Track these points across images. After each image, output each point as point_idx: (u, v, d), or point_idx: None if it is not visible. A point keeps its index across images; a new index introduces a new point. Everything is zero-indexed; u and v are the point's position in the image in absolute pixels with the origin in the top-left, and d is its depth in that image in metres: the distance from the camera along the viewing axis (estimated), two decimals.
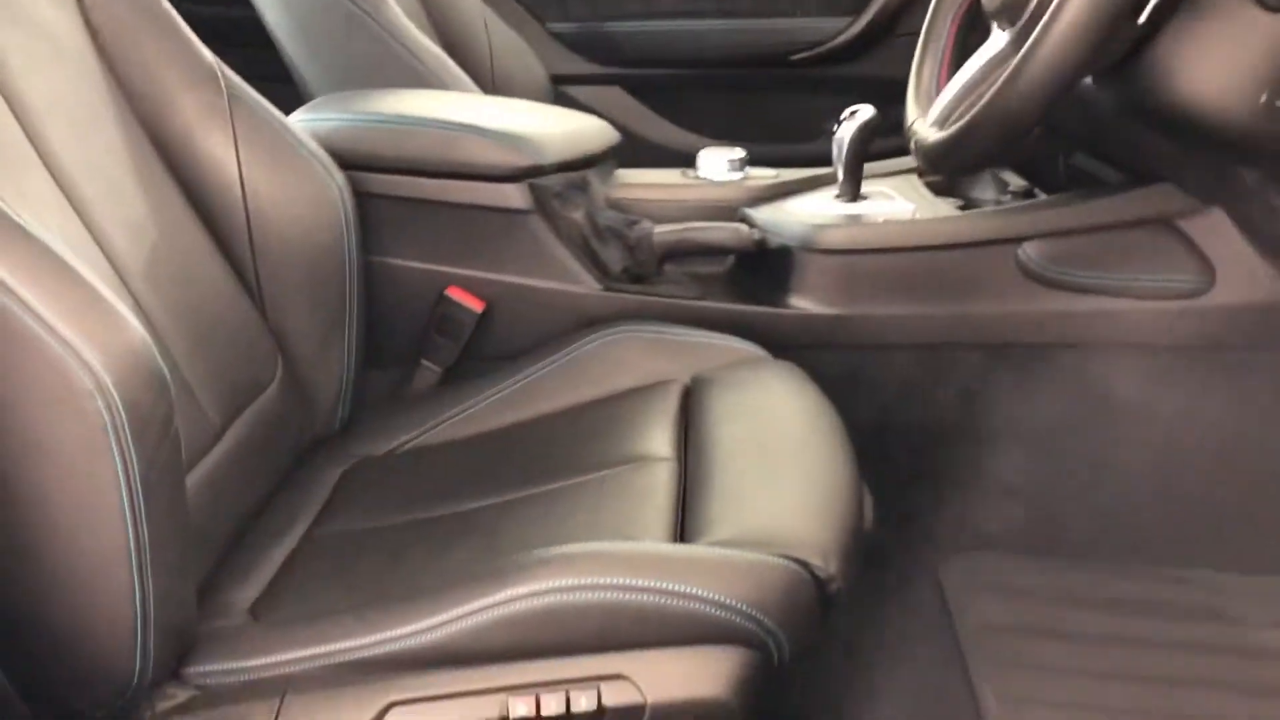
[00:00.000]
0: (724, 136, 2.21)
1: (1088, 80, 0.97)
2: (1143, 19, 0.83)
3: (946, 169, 0.98)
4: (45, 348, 0.76)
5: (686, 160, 2.15)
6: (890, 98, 2.19)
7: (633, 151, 1.60)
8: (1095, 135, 1.22)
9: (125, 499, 0.78)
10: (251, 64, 1.65)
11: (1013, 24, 0.91)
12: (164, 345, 1.04)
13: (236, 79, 1.20)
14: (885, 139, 1.88)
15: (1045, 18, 0.80)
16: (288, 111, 1.62)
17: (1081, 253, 1.24)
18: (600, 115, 2.16)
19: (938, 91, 1.04)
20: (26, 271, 0.77)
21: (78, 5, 1.09)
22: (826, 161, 1.46)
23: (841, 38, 2.16)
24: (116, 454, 0.77)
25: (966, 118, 0.88)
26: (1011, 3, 0.89)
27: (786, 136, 2.24)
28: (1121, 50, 0.88)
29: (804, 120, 2.26)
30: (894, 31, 2.16)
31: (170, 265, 1.09)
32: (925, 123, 0.99)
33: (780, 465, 1.02)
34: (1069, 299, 1.26)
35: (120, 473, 0.78)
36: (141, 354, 0.79)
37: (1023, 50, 0.81)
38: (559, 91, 2.15)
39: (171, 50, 1.16)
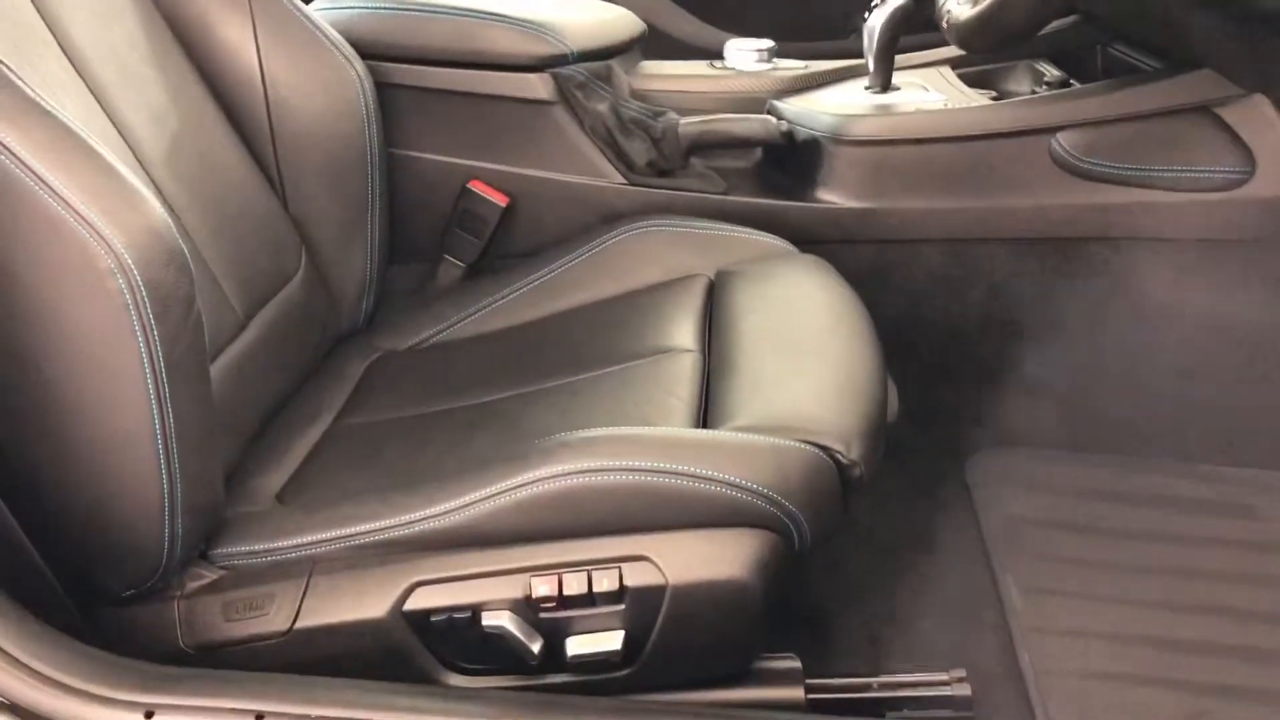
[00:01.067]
0: (753, 32, 2.17)
1: None
2: None
3: (980, 47, 0.95)
4: (65, 226, 0.76)
5: (714, 55, 2.12)
6: None
7: (659, 46, 1.57)
8: (1134, 20, 1.18)
9: (149, 378, 0.78)
10: None
11: None
12: (186, 232, 1.03)
13: None
14: (918, 34, 1.84)
15: None
16: None
17: (1117, 143, 1.21)
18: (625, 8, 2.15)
19: None
20: (46, 150, 0.76)
21: None
22: (857, 55, 1.43)
23: None
24: (139, 332, 0.77)
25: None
26: None
27: (817, 32, 2.18)
28: None
29: (834, 14, 2.20)
30: None
31: (191, 154, 1.09)
32: (958, 1, 0.95)
33: (804, 355, 1.01)
34: (1103, 191, 1.23)
35: (143, 351, 0.78)
36: (162, 233, 0.79)
37: None
38: None
39: None
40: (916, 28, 1.32)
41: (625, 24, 1.42)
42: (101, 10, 1.05)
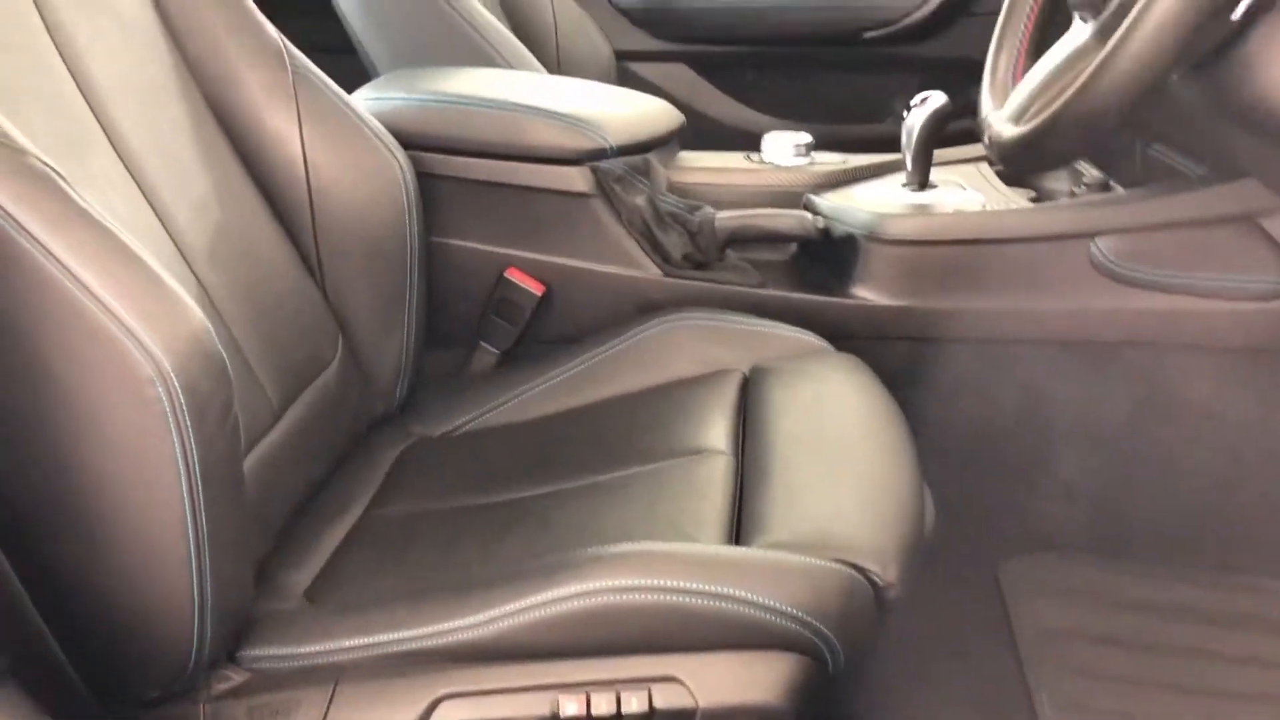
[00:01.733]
0: (790, 115, 2.19)
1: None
2: (1237, 14, 0.80)
3: (1023, 167, 0.95)
4: (107, 333, 0.76)
5: (751, 140, 2.12)
6: (963, 78, 2.15)
7: (697, 129, 1.58)
8: (1176, 127, 1.17)
9: (184, 484, 0.78)
10: (315, 34, 1.66)
11: (1096, 16, 0.87)
12: (225, 323, 1.04)
13: (301, 56, 1.20)
14: (957, 120, 1.84)
15: (1134, 12, 0.76)
16: (352, 84, 1.63)
17: (1158, 250, 1.20)
18: (664, 93, 2.16)
19: (1014, 83, 1.00)
20: (90, 256, 0.77)
21: None
22: (895, 142, 1.43)
23: (914, 16, 2.11)
24: (175, 439, 0.77)
25: (1045, 114, 0.84)
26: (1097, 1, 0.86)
27: (855, 116, 2.20)
28: (1211, 45, 0.84)
29: (873, 99, 2.22)
30: (968, 11, 2.11)
31: (233, 243, 1.10)
32: (1001, 116, 0.95)
33: (840, 463, 1.00)
34: (1142, 296, 1.22)
35: (179, 458, 0.78)
36: (202, 340, 0.80)
37: (1109, 45, 0.77)
38: (623, 67, 2.13)
39: (238, 27, 1.15)
40: (955, 132, 1.33)
41: (664, 117, 1.43)
42: (150, 100, 1.07)
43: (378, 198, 1.22)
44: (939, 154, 1.40)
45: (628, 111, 1.41)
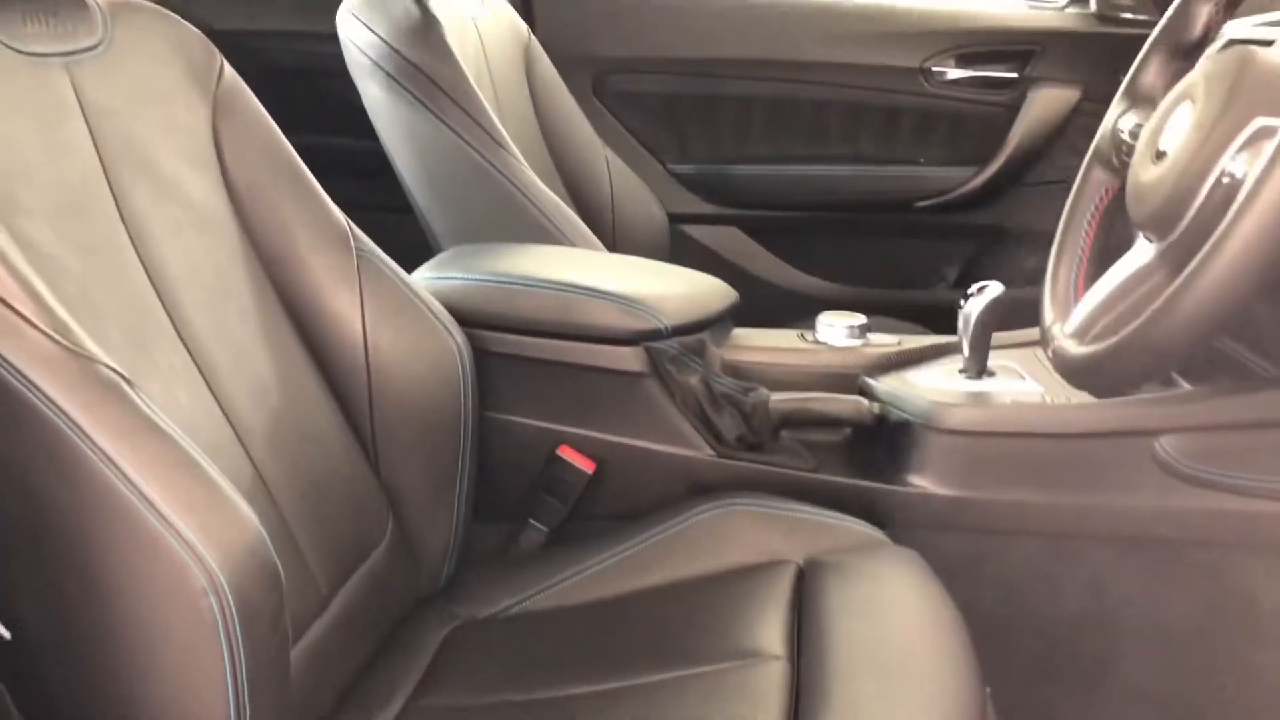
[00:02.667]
0: (841, 279, 2.21)
1: None
2: None
3: (1088, 388, 0.93)
4: (164, 544, 0.76)
5: (803, 302, 2.14)
6: (1015, 246, 2.18)
7: (748, 291, 1.59)
8: (1248, 324, 1.16)
9: (230, 690, 0.78)
10: (377, 194, 1.70)
11: (1161, 238, 0.86)
12: (278, 509, 1.04)
13: (365, 239, 1.22)
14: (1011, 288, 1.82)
15: (1209, 245, 0.76)
16: (410, 239, 1.66)
17: (1226, 450, 1.17)
18: (717, 255, 2.20)
19: (1076, 297, 1.00)
20: (153, 468, 0.77)
21: (220, 171, 1.12)
22: (946, 310, 1.43)
23: (967, 187, 2.13)
24: (225, 649, 0.77)
25: (1112, 340, 0.83)
26: (1162, 215, 0.85)
27: (906, 282, 2.22)
28: None
29: (925, 266, 2.23)
30: (1020, 181, 2.14)
31: (290, 426, 1.10)
32: (1063, 330, 0.94)
33: (900, 677, 0.97)
34: (1210, 496, 1.19)
35: (227, 666, 0.78)
36: (258, 551, 0.79)
37: (1180, 278, 0.76)
38: (677, 230, 2.16)
39: (306, 212, 1.18)
40: (1013, 321, 1.33)
41: (718, 295, 1.44)
42: (219, 288, 1.09)
43: (435, 377, 1.23)
44: (996, 337, 1.39)
45: (682, 291, 1.41)
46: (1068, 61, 2.08)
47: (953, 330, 1.37)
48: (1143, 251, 0.90)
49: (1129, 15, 1.99)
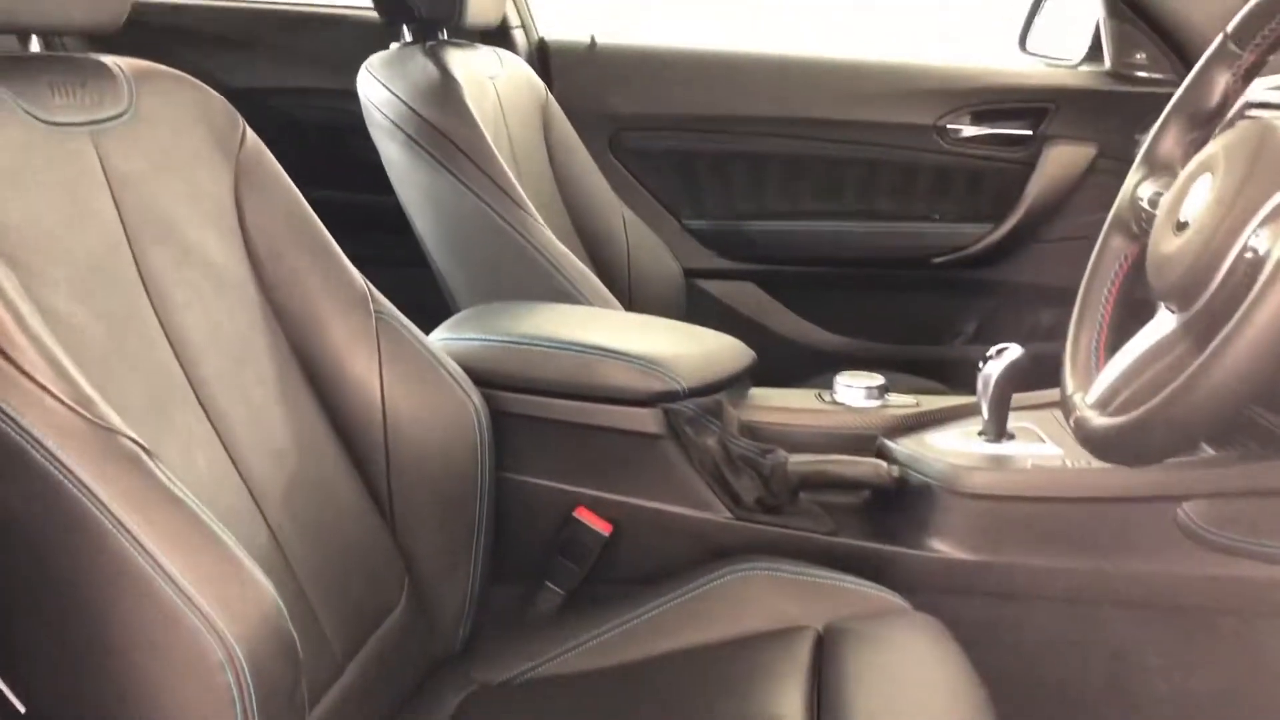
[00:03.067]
0: (859, 334, 2.21)
1: None
2: None
3: (1110, 460, 0.93)
4: (182, 617, 0.76)
5: (819, 357, 2.14)
6: (1032, 302, 2.17)
7: (764, 346, 1.59)
8: (1271, 391, 1.15)
9: None
10: (397, 248, 1.71)
11: (1183, 309, 0.86)
12: (294, 573, 1.04)
13: (384, 301, 1.23)
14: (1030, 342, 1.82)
15: (1233, 322, 0.75)
16: (428, 294, 1.67)
17: (1251, 516, 1.16)
18: (732, 310, 2.21)
19: (1097, 366, 0.99)
20: (171, 540, 0.77)
21: (241, 235, 1.13)
22: (962, 365, 1.42)
23: (983, 243, 2.14)
24: None
25: (1136, 413, 0.83)
26: (1184, 287, 0.85)
27: (924, 337, 2.21)
28: None
29: (941, 321, 2.23)
30: (1037, 237, 2.14)
31: (307, 490, 1.10)
32: (1085, 400, 0.94)
33: None
34: (1234, 563, 1.17)
35: None
36: (275, 624, 0.79)
37: (1205, 353, 0.76)
38: (692, 285, 2.17)
39: (325, 275, 1.19)
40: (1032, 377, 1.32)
41: (735, 356, 1.44)
42: (238, 352, 1.09)
43: (452, 438, 1.23)
44: (1015, 398, 1.38)
45: (699, 351, 1.41)
46: (1083, 119, 2.09)
47: (970, 385, 1.36)
48: (1164, 322, 0.89)
49: (1143, 74, 1.99)
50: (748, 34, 2.73)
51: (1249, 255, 0.80)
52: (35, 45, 1.01)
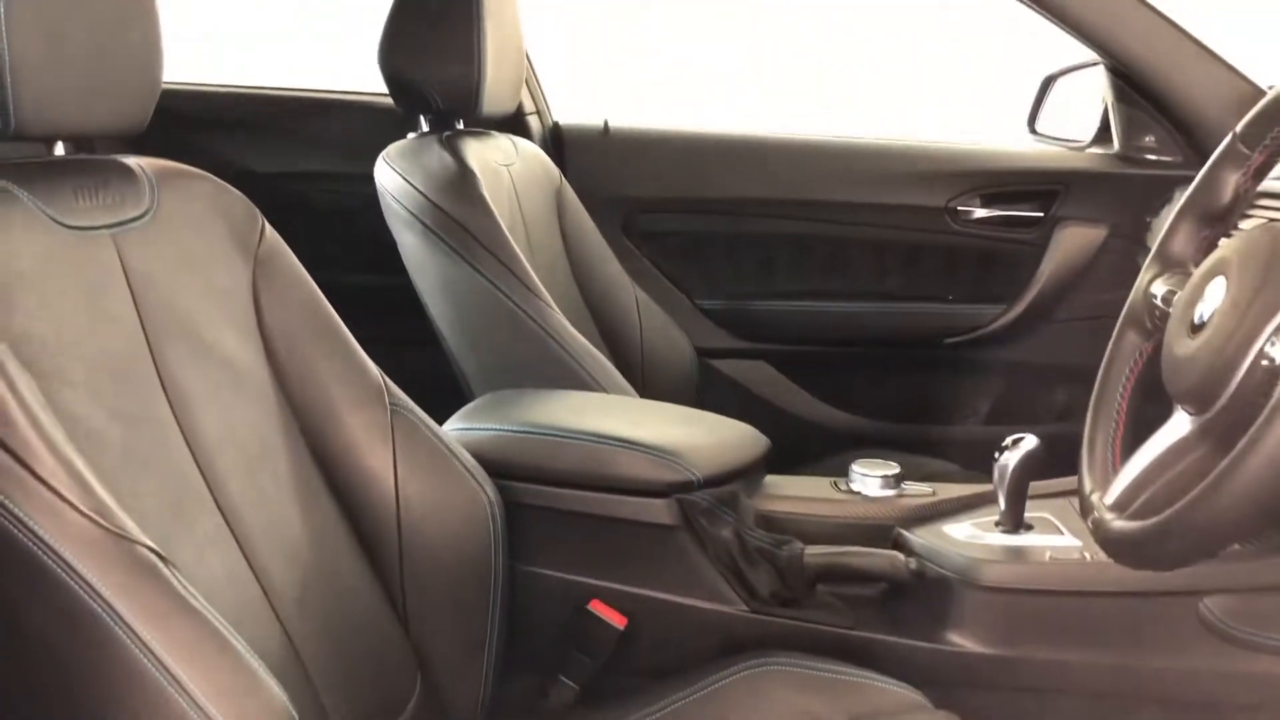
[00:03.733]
0: (872, 414, 2.20)
1: None
2: None
3: (1131, 565, 0.92)
4: None
5: (832, 437, 2.13)
6: (1045, 381, 2.17)
7: (777, 425, 1.58)
8: None
9: None
10: (411, 329, 1.72)
11: (1199, 412, 0.86)
12: (307, 675, 1.04)
13: (399, 393, 1.23)
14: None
15: (1253, 431, 0.75)
16: (443, 375, 1.67)
17: (1275, 613, 1.14)
18: (746, 389, 2.20)
19: (1114, 464, 0.99)
20: (185, 651, 0.77)
21: (259, 330, 1.14)
22: (977, 444, 1.40)
23: (996, 323, 2.14)
24: None
25: (1156, 519, 0.82)
26: (1199, 391, 0.85)
27: (938, 417, 2.21)
28: None
29: (956, 401, 2.23)
30: (1049, 318, 2.14)
31: (321, 587, 1.10)
32: (1103, 501, 0.93)
33: None
34: (1258, 660, 1.16)
35: None
36: None
37: (1225, 461, 0.75)
38: (705, 364, 2.17)
39: (343, 370, 1.19)
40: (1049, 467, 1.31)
41: (750, 444, 1.43)
42: (255, 452, 1.09)
43: (465, 531, 1.23)
44: (1033, 486, 1.38)
45: (713, 440, 1.41)
46: (1093, 201, 2.10)
47: (985, 465, 1.35)
48: (1181, 424, 0.89)
49: (1152, 156, 2.01)
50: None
51: (1265, 363, 0.80)
52: (60, 149, 1.03)
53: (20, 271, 0.92)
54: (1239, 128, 0.99)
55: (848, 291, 2.19)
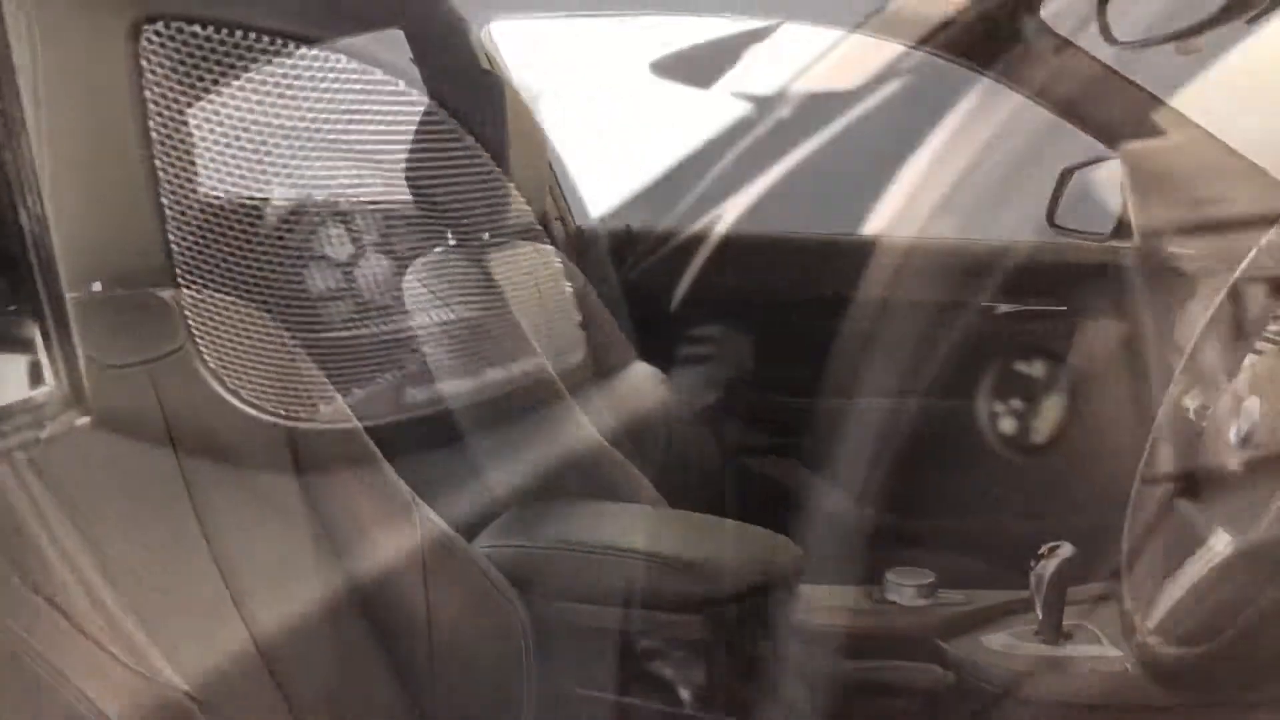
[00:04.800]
0: (905, 511, 2.17)
1: None
2: None
3: (1183, 691, 0.90)
4: None
5: (864, 535, 2.10)
6: (1073, 478, 2.14)
7: (807, 523, 1.56)
8: None
9: None
10: (435, 434, 1.71)
11: (1240, 532, 0.85)
12: None
13: (428, 511, 1.23)
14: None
15: None
16: (465, 480, 1.66)
17: None
18: (775, 485, 2.19)
19: (1156, 586, 0.97)
20: None
21: (293, 460, 1.14)
22: (1012, 539, 1.37)
23: (1015, 419, 2.12)
24: None
25: (1205, 646, 0.81)
26: (1239, 512, 0.84)
27: (970, 513, 2.17)
28: None
29: (986, 498, 2.20)
30: (1073, 414, 2.12)
31: (347, 707, 1.09)
32: (1146, 624, 0.92)
33: None
34: None
35: None
36: None
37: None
38: (732, 461, 2.16)
39: (373, 488, 1.19)
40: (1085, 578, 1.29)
41: (782, 554, 1.41)
42: (281, 573, 1.09)
43: (495, 650, 1.22)
44: (1072, 593, 1.35)
45: (743, 552, 1.39)
46: (1114, 294, 2.09)
47: (1018, 564, 1.34)
48: (1222, 544, 0.88)
49: (1173, 250, 2.00)
50: None
51: None
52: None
53: None
54: (1264, 240, 0.99)
55: (874, 388, 2.18)
